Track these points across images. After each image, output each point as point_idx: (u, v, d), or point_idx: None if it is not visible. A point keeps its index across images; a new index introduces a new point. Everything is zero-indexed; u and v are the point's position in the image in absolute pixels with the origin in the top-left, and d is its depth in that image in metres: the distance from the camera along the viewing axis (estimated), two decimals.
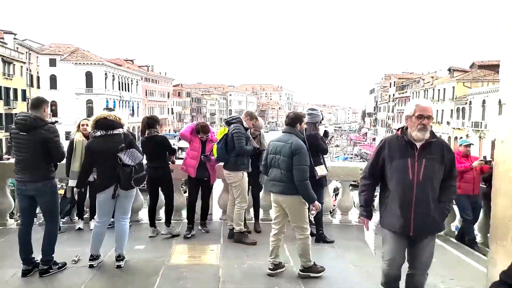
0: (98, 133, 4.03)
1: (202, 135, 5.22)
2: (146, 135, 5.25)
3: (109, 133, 4.02)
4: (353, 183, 6.00)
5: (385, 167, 2.94)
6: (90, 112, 53.84)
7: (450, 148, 2.99)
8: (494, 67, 41.23)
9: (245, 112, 5.44)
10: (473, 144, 6.07)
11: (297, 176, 3.82)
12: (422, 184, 2.78)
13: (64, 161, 4.89)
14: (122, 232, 4.21)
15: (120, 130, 4.08)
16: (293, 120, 4.14)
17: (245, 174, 5.05)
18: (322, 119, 5.34)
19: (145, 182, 4.39)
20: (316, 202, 3.94)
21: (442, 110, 45.35)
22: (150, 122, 5.28)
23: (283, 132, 4.16)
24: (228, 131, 4.91)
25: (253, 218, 5.80)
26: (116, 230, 4.25)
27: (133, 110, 63.28)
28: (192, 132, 5.31)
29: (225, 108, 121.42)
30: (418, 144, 2.84)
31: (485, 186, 5.61)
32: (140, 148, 5.20)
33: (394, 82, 66.67)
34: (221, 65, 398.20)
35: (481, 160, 5.62)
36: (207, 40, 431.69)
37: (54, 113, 51.65)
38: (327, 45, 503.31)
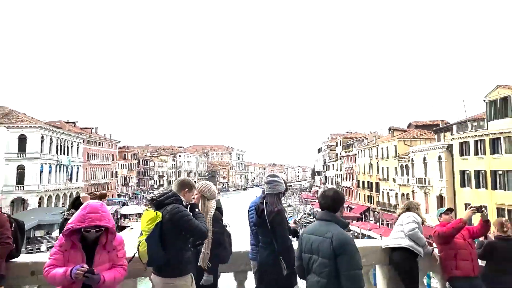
0: None
1: (87, 229, 2.93)
2: (65, 216, 4.18)
3: None
4: None
5: None
6: (20, 178, 49.23)
7: None
8: (428, 127, 44.25)
9: (178, 182, 3.68)
10: (453, 209, 4.87)
11: (348, 286, 2.72)
12: None
13: None
14: None
15: None
16: (334, 202, 3.03)
17: (193, 278, 3.44)
18: (286, 189, 4.03)
19: None
20: None
21: (387, 168, 46.90)
22: (77, 204, 4.02)
23: (317, 219, 3.09)
24: (163, 217, 3.25)
25: None
26: None
27: (71, 174, 58.83)
28: (66, 239, 2.97)
29: (174, 170, 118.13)
30: None
31: (483, 265, 4.42)
32: None
33: (340, 141, 69.20)
34: (170, 127, 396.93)
35: (472, 208, 4.38)
36: (155, 101, 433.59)
37: None
38: (276, 106, 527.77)
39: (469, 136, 30.42)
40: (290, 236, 3.97)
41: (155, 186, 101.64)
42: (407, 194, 41.58)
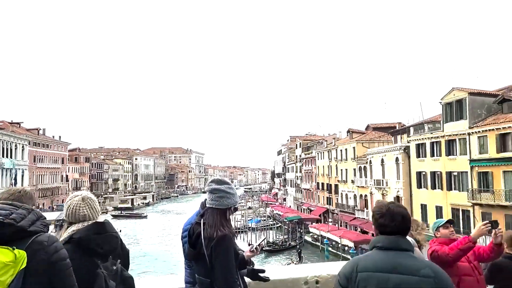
0: None
1: None
2: None
3: None
4: None
5: None
6: None
7: None
8: (385, 129, 45.48)
9: (23, 194, 2.19)
10: (453, 221, 3.88)
11: None
12: None
13: None
14: None
15: None
16: (407, 222, 2.05)
17: None
18: (235, 208, 2.60)
19: None
20: None
21: (346, 170, 47.64)
22: None
23: (379, 247, 1.99)
24: (29, 258, 1.76)
25: None
26: None
27: (15, 178, 54.31)
28: None
29: (130, 173, 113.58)
30: None
31: None
32: None
33: (300, 143, 69.67)
34: (126, 129, 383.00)
35: (486, 224, 3.22)
36: (109, 102, 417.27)
37: None
38: (236, 108, 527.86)
39: (425, 138, 31.38)
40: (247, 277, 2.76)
41: (109, 190, 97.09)
42: (365, 195, 42.39)
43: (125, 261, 2.29)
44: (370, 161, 41.13)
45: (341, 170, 49.17)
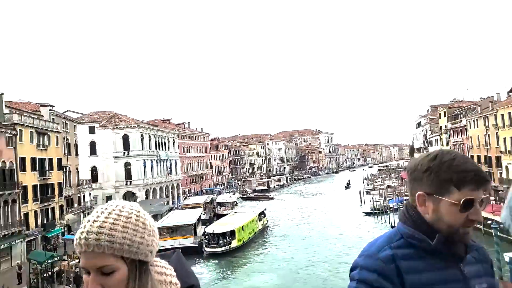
0: None
1: None
2: None
3: None
4: None
5: None
6: (128, 174, 53.37)
7: None
8: None
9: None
10: None
11: None
12: None
13: None
14: None
15: None
16: None
17: None
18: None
19: None
20: None
21: (511, 138, 39.62)
22: None
23: None
24: None
25: None
26: None
27: (170, 168, 62.25)
28: None
29: (264, 157, 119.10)
30: None
31: None
32: None
33: (445, 112, 61.36)
34: (257, 115, 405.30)
35: None
36: (241, 92, 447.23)
37: (94, 178, 51.53)
38: (363, 83, 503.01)
39: None
40: None
41: (247, 174, 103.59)
42: None
43: None
44: None
45: (504, 138, 41.14)
